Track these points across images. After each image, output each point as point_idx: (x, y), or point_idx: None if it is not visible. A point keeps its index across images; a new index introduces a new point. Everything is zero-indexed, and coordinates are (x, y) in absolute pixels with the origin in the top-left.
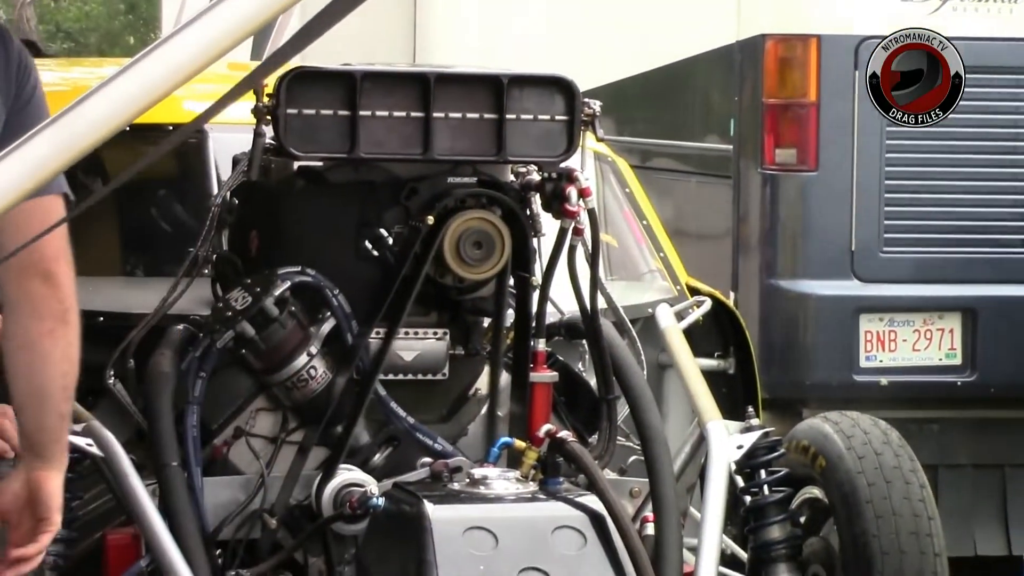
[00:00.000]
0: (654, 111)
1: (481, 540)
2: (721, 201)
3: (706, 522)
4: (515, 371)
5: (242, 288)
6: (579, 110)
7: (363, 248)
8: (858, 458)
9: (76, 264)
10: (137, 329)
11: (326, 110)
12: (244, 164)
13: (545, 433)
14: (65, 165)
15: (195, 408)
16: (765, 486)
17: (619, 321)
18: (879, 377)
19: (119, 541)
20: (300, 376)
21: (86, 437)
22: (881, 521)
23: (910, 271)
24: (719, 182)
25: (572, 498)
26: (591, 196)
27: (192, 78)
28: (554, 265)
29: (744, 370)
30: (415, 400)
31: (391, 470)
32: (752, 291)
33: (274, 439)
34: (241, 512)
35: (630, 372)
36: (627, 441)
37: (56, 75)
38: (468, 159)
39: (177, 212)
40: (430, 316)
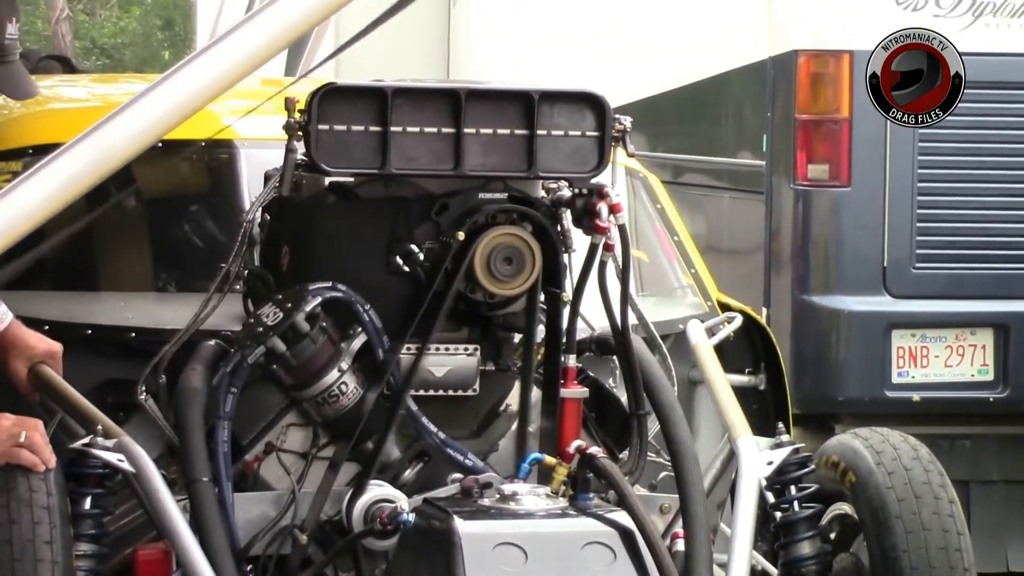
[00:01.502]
0: (686, 127)
1: (511, 556)
2: (753, 217)
3: (736, 538)
4: (545, 387)
5: (273, 304)
6: (610, 126)
7: (394, 263)
8: (888, 473)
9: (108, 280)
10: (169, 345)
11: (357, 126)
12: (276, 180)
13: (575, 449)
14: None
15: (226, 424)
16: (795, 502)
17: (650, 337)
18: (911, 393)
19: (150, 557)
20: (331, 392)
21: (117, 452)
22: (911, 536)
23: (942, 287)
24: (751, 198)
25: (602, 514)
26: (622, 212)
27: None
28: (585, 281)
29: (775, 386)
30: (446, 416)
31: (422, 486)
32: (784, 307)
33: (305, 455)
34: (272, 528)
35: (661, 388)
36: (657, 457)
37: (88, 91)
38: (499, 175)
39: (209, 228)
40: (461, 332)
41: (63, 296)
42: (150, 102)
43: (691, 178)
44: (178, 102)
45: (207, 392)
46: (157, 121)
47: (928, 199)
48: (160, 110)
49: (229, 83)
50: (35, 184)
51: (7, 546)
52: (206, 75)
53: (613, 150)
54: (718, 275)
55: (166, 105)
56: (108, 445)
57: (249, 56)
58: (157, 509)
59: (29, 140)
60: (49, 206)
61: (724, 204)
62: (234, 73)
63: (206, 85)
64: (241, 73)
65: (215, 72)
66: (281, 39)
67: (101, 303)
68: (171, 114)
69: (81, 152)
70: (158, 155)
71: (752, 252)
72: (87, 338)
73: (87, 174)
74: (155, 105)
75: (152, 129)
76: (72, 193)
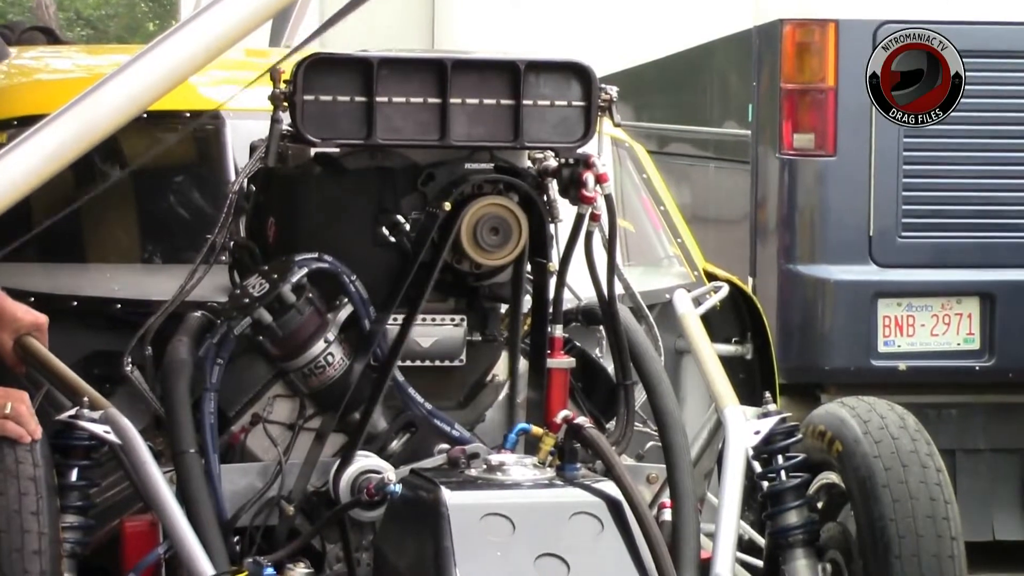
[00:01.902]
0: (672, 96)
1: (498, 526)
2: (739, 186)
3: (723, 508)
4: (532, 357)
5: (259, 275)
6: (596, 96)
7: (380, 234)
8: (875, 443)
9: (94, 251)
10: (155, 316)
11: (343, 96)
12: (261, 151)
13: (562, 419)
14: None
15: (212, 395)
16: (782, 472)
17: (636, 307)
18: (897, 362)
19: (137, 528)
20: (317, 363)
21: (104, 424)
22: (898, 505)
23: (928, 256)
24: (737, 167)
25: (589, 484)
26: (608, 182)
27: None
28: (571, 251)
29: (762, 355)
30: (433, 386)
31: (408, 456)
32: (770, 276)
33: (291, 426)
34: (259, 499)
35: (647, 358)
36: (644, 427)
37: (73, 62)
38: (485, 145)
39: (195, 199)
40: (447, 302)
41: (49, 268)
42: (135, 73)
43: (677, 148)
44: (163, 73)
45: (193, 364)
46: (142, 92)
47: (914, 168)
48: (145, 81)
49: (214, 54)
50: (20, 155)
51: None
52: (191, 46)
53: (599, 120)
54: (704, 245)
55: (151, 76)
56: (94, 417)
57: (233, 27)
58: (144, 480)
59: (14, 111)
60: (35, 177)
61: (710, 174)
62: (219, 43)
63: (191, 56)
64: (226, 43)
65: (200, 43)
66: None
67: (87, 275)
68: (156, 85)
69: (66, 123)
70: (144, 126)
71: (738, 222)
72: (73, 310)
73: (73, 145)
74: (140, 76)
75: (137, 100)
76: (58, 164)
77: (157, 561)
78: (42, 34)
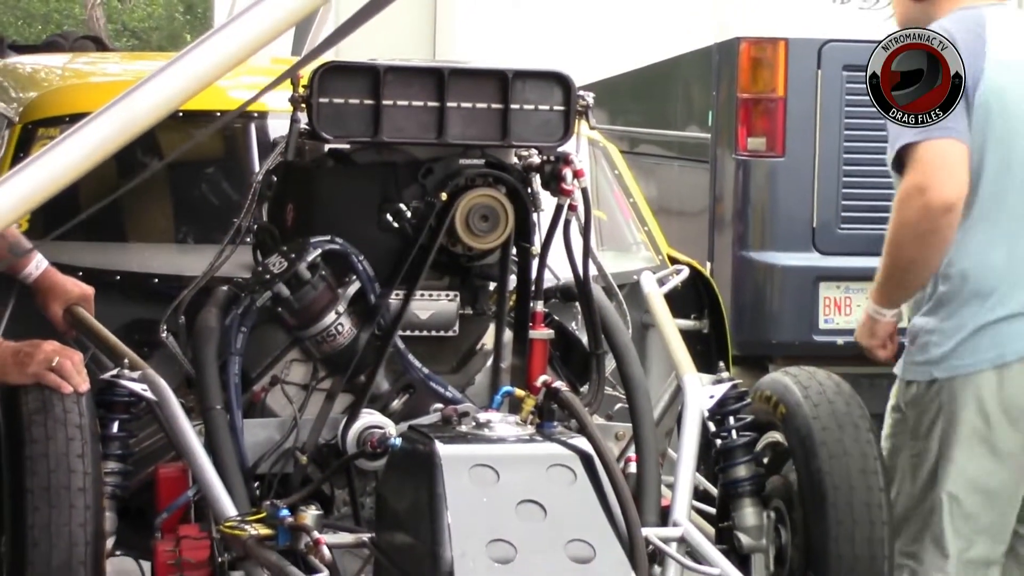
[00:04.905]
0: (642, 103)
1: (485, 475)
2: (699, 183)
3: (681, 462)
4: (516, 329)
5: (279, 254)
6: (575, 101)
7: (385, 220)
8: (814, 406)
9: (135, 232)
10: (188, 290)
11: (354, 99)
12: (282, 146)
13: (542, 383)
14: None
15: (237, 359)
16: (733, 431)
17: (608, 286)
18: (836, 338)
19: (169, 474)
20: (329, 331)
21: (142, 383)
22: (833, 461)
23: (864, 245)
24: (698, 166)
25: (564, 440)
26: (584, 177)
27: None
28: (551, 237)
29: (717, 330)
30: (429, 353)
31: (407, 414)
32: (725, 261)
33: (305, 386)
34: (276, 450)
35: (617, 331)
36: (613, 391)
37: (121, 66)
38: (477, 144)
39: (223, 188)
40: (443, 280)
41: (95, 246)
42: (170, 76)
43: (645, 148)
44: (195, 76)
45: (221, 331)
46: (177, 93)
47: (853, 168)
48: (179, 83)
49: (240, 59)
50: (69, 147)
51: (44, 459)
52: (219, 53)
53: (577, 123)
54: (668, 233)
55: (184, 79)
56: (134, 376)
57: (257, 36)
58: (176, 433)
59: (66, 109)
60: (81, 166)
61: (674, 171)
62: (244, 50)
63: (219, 61)
64: (251, 50)
65: (227, 50)
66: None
67: (129, 252)
68: (189, 87)
69: (109, 119)
70: (178, 123)
71: (698, 213)
72: (116, 283)
73: (115, 138)
74: (175, 79)
75: (172, 100)
76: (101, 155)
77: (187, 503)
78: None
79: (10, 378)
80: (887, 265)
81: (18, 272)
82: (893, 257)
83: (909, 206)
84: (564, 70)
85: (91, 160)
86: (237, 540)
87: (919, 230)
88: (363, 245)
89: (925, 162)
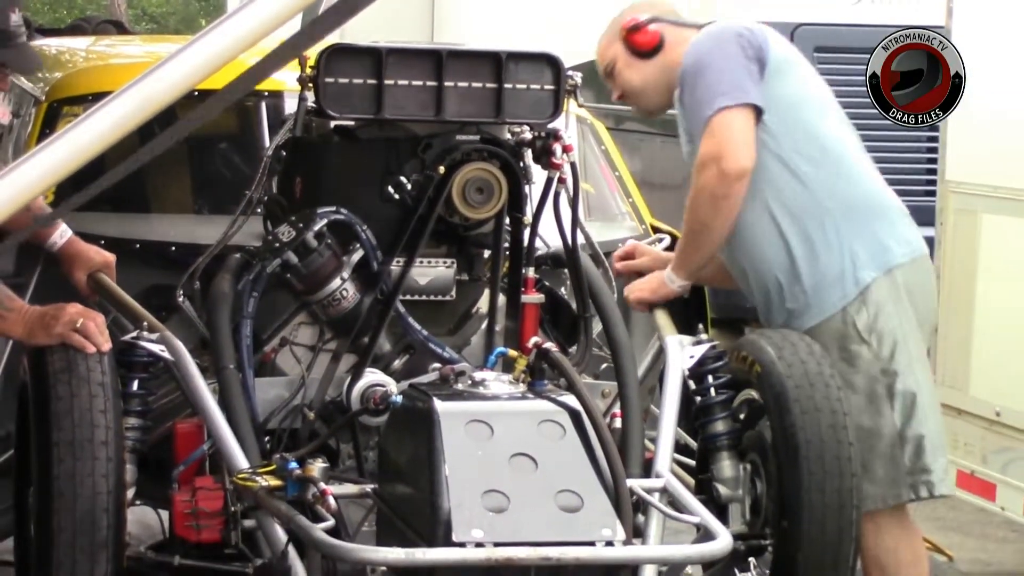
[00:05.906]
0: None
1: (479, 431)
2: (680, 157)
3: (663, 418)
4: (510, 294)
5: (288, 224)
6: (564, 81)
7: (386, 192)
8: (788, 365)
9: (154, 203)
10: (203, 257)
11: (358, 79)
12: (291, 123)
13: (533, 344)
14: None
15: (248, 321)
16: (712, 389)
17: (595, 254)
18: None
19: (186, 429)
20: (334, 296)
21: (160, 344)
22: (805, 416)
23: None
24: (679, 141)
25: (554, 397)
26: (573, 151)
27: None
28: (542, 207)
29: (697, 294)
30: (428, 317)
31: (407, 373)
32: None
33: (312, 347)
34: (285, 407)
35: (603, 295)
36: (600, 352)
37: (140, 49)
38: (473, 120)
39: (235, 162)
40: (441, 248)
41: (116, 216)
42: (186, 57)
43: (630, 125)
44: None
45: (233, 296)
46: (192, 73)
47: None
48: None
49: (251, 42)
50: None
51: (68, 414)
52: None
53: (566, 101)
54: (651, 204)
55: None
56: (152, 338)
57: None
58: (192, 390)
59: (90, 88)
60: (103, 142)
61: (656, 146)
62: (255, 34)
63: (232, 44)
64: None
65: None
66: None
67: (148, 222)
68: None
69: (130, 98)
70: (194, 102)
71: (679, 186)
72: (136, 251)
73: (134, 116)
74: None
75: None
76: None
77: (202, 456)
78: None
79: (37, 339)
80: (683, 231)
81: (44, 241)
82: (688, 221)
83: (706, 173)
84: (554, 52)
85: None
86: (249, 491)
87: (715, 195)
88: (366, 215)
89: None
